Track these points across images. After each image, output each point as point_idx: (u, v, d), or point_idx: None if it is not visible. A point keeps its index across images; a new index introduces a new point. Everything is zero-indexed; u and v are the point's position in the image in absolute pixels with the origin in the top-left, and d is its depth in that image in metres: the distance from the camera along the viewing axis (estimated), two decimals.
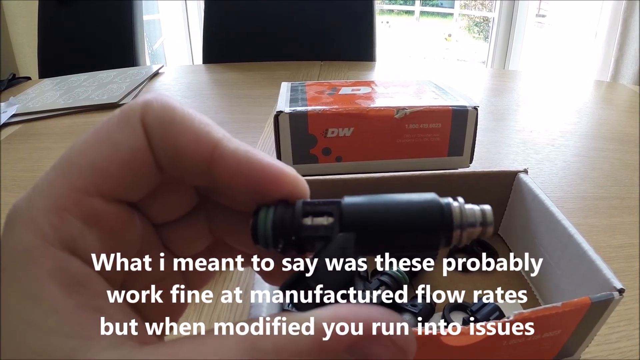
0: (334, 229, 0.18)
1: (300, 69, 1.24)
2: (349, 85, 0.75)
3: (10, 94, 1.13)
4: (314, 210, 0.19)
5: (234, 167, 0.18)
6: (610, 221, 0.60)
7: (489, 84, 1.20)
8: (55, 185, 0.17)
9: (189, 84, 1.19)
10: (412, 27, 4.25)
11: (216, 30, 1.43)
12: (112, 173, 0.17)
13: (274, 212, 0.19)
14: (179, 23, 3.06)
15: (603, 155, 0.78)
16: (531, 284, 0.47)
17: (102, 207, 0.17)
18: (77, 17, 1.45)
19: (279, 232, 0.19)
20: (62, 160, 0.17)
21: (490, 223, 0.19)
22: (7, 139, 0.89)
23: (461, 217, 0.18)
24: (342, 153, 0.66)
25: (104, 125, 0.18)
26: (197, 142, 0.18)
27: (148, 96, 0.19)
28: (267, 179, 0.19)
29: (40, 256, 0.16)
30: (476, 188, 0.50)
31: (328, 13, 1.40)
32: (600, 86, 1.23)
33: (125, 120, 0.18)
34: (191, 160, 0.18)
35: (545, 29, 3.24)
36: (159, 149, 0.18)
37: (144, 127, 0.18)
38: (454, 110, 0.64)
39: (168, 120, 0.18)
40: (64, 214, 0.16)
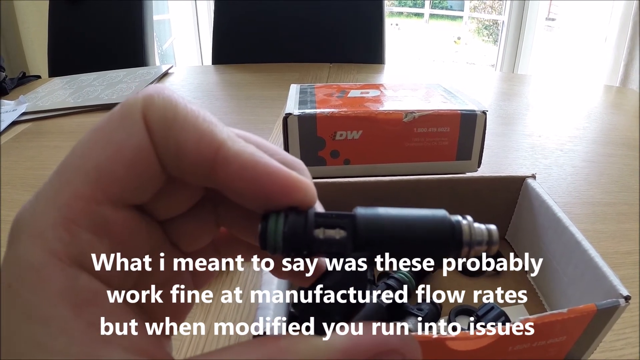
0: (347, 245, 0.18)
1: (310, 71, 1.24)
2: (358, 88, 0.75)
3: (20, 92, 1.14)
4: (326, 223, 0.18)
5: (238, 171, 0.17)
6: (618, 227, 0.60)
7: (498, 88, 1.19)
8: (61, 193, 0.16)
9: (198, 84, 1.20)
10: (421, 30, 4.26)
11: (226, 31, 1.43)
12: (119, 176, 0.17)
13: (284, 222, 0.18)
14: (188, 23, 3.07)
15: (612, 161, 0.78)
16: (537, 289, 0.47)
17: (112, 214, 0.17)
18: (87, 16, 1.46)
19: (290, 244, 0.18)
20: (65, 166, 0.17)
21: (496, 242, 0.19)
22: (17, 137, 0.89)
23: (470, 235, 0.18)
24: (350, 156, 0.66)
25: (105, 125, 0.17)
26: (199, 143, 0.17)
27: (149, 90, 0.18)
28: (273, 186, 0.18)
29: (49, 276, 0.15)
30: (484, 193, 0.51)
31: (337, 15, 1.40)
32: (610, 91, 1.23)
33: (126, 118, 0.17)
34: (193, 162, 0.17)
35: (555, 32, 3.23)
36: (162, 147, 0.17)
37: (146, 124, 0.17)
38: (462, 114, 0.64)
39: (170, 117, 0.17)
40: (73, 226, 0.16)
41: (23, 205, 0.16)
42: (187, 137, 0.17)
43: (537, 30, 2.91)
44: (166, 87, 0.17)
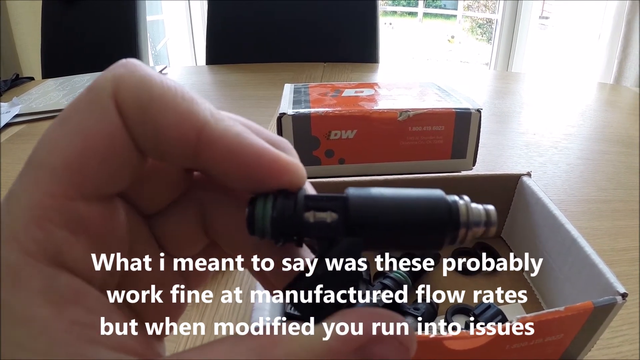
0: (339, 229, 0.17)
1: (304, 70, 1.24)
2: (352, 87, 0.75)
3: (13, 94, 1.13)
4: (317, 206, 0.17)
5: (224, 153, 0.16)
6: (613, 224, 0.60)
7: (492, 86, 1.20)
8: (31, 192, 0.15)
9: (192, 85, 1.20)
10: (415, 29, 4.26)
11: (220, 31, 1.43)
12: (90, 169, 0.15)
13: (272, 205, 0.17)
14: (182, 24, 3.07)
15: (606, 158, 0.78)
16: (534, 287, 0.47)
17: (86, 209, 0.16)
18: (81, 17, 1.45)
19: (279, 229, 0.17)
20: (32, 163, 0.16)
21: (494, 223, 0.18)
22: (11, 139, 0.89)
23: (467, 215, 0.18)
24: (345, 155, 0.66)
25: (71, 112, 0.16)
26: (180, 125, 0.16)
27: (119, 69, 0.16)
28: (260, 168, 0.17)
29: (27, 276, 0.14)
30: (479, 191, 0.50)
31: (331, 14, 1.40)
32: (604, 88, 1.23)
33: (95, 102, 0.16)
34: (175, 145, 0.16)
35: (549, 30, 3.24)
36: (138, 132, 0.16)
37: (118, 107, 0.16)
38: (457, 112, 0.64)
39: (145, 98, 0.16)
40: (47, 225, 0.15)
41: None
42: (166, 119, 0.16)
43: (530, 29, 2.92)
44: (138, 62, 0.16)
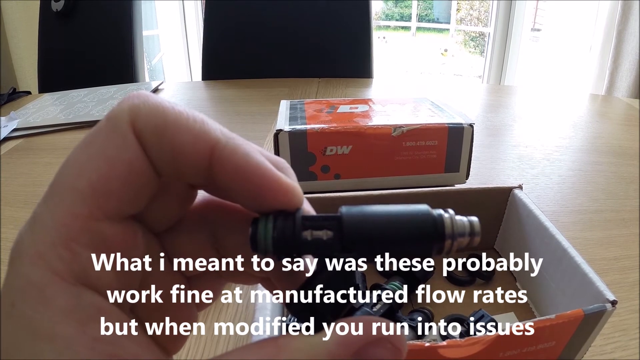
0: (334, 245, 0.19)
1: (299, 86, 1.25)
2: (347, 103, 0.76)
3: (10, 108, 1.14)
4: (314, 225, 0.19)
5: (232, 171, 0.18)
6: (605, 234, 0.61)
7: (485, 100, 1.21)
8: (58, 214, 0.16)
9: (188, 100, 1.21)
10: (408, 43, 4.29)
11: (215, 47, 1.44)
12: (114, 192, 0.17)
13: (273, 226, 0.19)
14: (177, 38, 3.08)
15: (598, 169, 0.79)
16: (527, 297, 0.48)
17: (110, 230, 0.17)
18: (77, 32, 1.46)
19: (280, 248, 0.18)
20: (58, 186, 0.17)
21: (478, 233, 0.19)
22: (8, 153, 0.90)
23: (452, 227, 0.19)
24: (340, 170, 0.67)
25: (93, 139, 0.17)
26: (195, 143, 0.17)
27: (133, 100, 0.17)
28: (262, 187, 0.18)
29: (52, 294, 0.15)
30: (472, 204, 0.52)
31: (325, 30, 1.42)
32: (595, 100, 1.25)
33: (115, 131, 0.17)
34: (190, 163, 0.18)
35: (541, 42, 3.27)
36: (156, 155, 0.17)
37: (136, 134, 0.17)
38: (450, 127, 0.65)
39: (161, 124, 0.17)
40: (73, 245, 0.16)
41: (20, 229, 0.16)
42: (182, 139, 0.17)
43: (522, 41, 2.94)
44: (149, 93, 0.18)
